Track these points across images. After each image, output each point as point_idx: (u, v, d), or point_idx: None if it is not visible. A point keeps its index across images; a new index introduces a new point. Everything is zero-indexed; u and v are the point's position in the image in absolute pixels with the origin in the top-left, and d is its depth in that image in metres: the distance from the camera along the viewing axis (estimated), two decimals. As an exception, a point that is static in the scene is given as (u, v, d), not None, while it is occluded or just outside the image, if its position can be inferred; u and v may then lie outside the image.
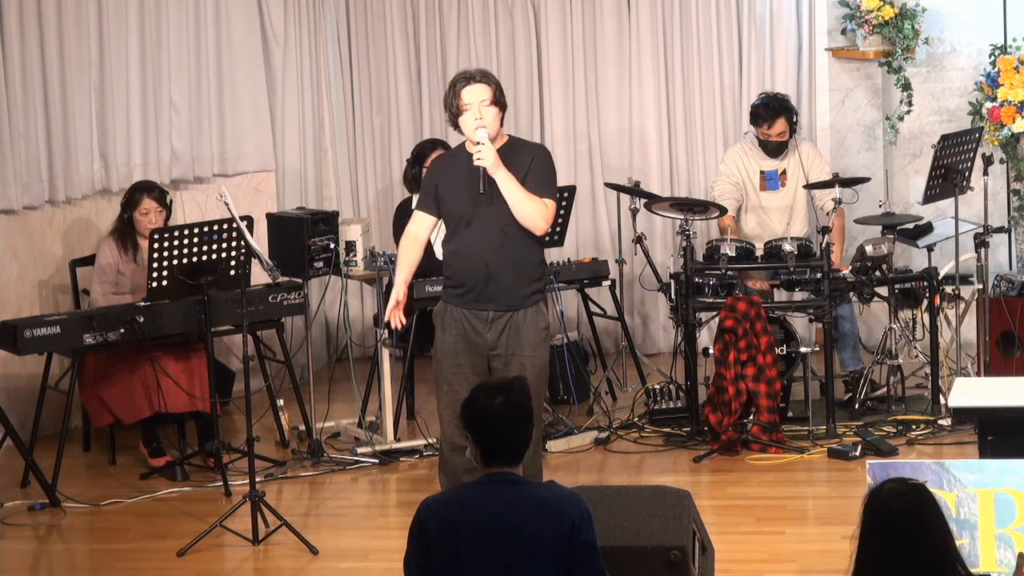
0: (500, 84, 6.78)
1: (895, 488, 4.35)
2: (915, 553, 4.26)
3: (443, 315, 6.80)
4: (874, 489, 4.40)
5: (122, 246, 8.61)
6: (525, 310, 6.72)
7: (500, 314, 6.71)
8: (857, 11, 10.10)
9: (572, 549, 4.60)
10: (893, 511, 4.31)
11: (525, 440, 4.74)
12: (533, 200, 6.66)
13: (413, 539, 4.69)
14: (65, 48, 9.11)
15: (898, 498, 4.33)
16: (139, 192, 8.64)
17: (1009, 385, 7.21)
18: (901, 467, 5.84)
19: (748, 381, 8.33)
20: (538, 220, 6.68)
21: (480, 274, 6.70)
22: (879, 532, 4.32)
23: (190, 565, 7.18)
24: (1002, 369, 9.03)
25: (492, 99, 6.69)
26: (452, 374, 6.77)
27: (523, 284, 6.73)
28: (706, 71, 10.52)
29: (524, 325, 6.72)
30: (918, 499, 4.33)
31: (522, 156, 6.74)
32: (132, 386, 8.30)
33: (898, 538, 4.28)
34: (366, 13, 10.80)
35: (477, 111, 6.66)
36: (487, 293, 6.71)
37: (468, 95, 6.67)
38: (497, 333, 6.71)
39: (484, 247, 6.69)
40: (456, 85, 6.72)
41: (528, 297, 6.74)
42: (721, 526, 7.11)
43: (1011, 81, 9.86)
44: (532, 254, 6.77)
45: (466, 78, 6.73)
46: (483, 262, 6.70)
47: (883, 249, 8.77)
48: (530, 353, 6.70)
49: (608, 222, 10.61)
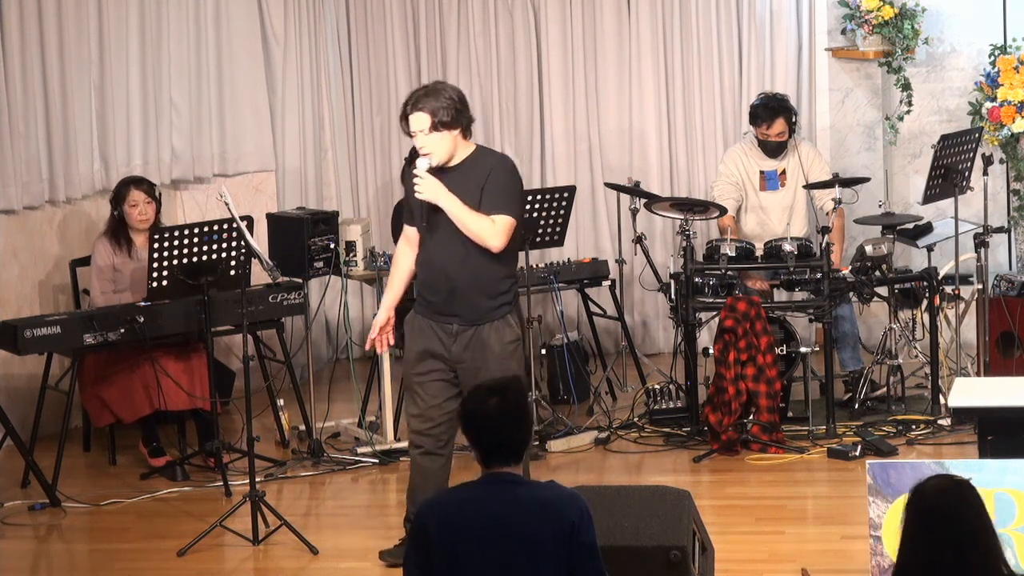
0: (449, 101, 6.62)
1: (940, 484, 4.29)
2: (960, 551, 4.20)
3: (412, 322, 6.80)
4: (918, 486, 4.31)
5: (116, 243, 8.60)
6: (491, 324, 6.67)
7: (465, 328, 6.68)
8: (857, 11, 10.10)
9: (572, 549, 4.60)
10: (939, 508, 4.24)
11: (523, 440, 4.74)
12: (479, 220, 6.59)
13: (413, 540, 4.69)
14: (65, 48, 9.11)
15: (944, 494, 4.26)
16: (125, 186, 8.64)
17: (1009, 385, 7.21)
18: (901, 467, 5.84)
19: (748, 381, 8.33)
20: (487, 239, 6.61)
21: (443, 287, 6.69)
22: (924, 529, 4.25)
23: (190, 565, 7.18)
24: (1002, 369, 9.03)
25: (431, 125, 6.60)
26: (418, 383, 6.77)
27: (486, 298, 6.67)
28: (706, 71, 10.52)
29: (490, 340, 6.67)
30: (964, 495, 4.26)
31: (482, 169, 6.66)
32: (132, 386, 8.30)
33: (943, 535, 4.21)
34: (366, 13, 10.80)
35: (419, 140, 6.64)
36: (451, 306, 6.69)
37: (410, 125, 6.67)
38: (463, 347, 6.69)
39: (446, 260, 6.68)
40: (405, 108, 6.68)
41: (493, 311, 6.68)
42: (721, 526, 7.11)
43: (1011, 81, 9.86)
44: (496, 268, 6.69)
45: (407, 103, 6.67)
46: (445, 275, 6.68)
47: (883, 249, 8.77)
48: (496, 367, 6.63)
49: (608, 222, 10.61)
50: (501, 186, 6.66)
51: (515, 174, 6.78)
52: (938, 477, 4.34)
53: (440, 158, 6.67)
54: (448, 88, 6.72)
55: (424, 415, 6.80)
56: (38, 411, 8.37)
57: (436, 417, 6.78)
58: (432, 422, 6.79)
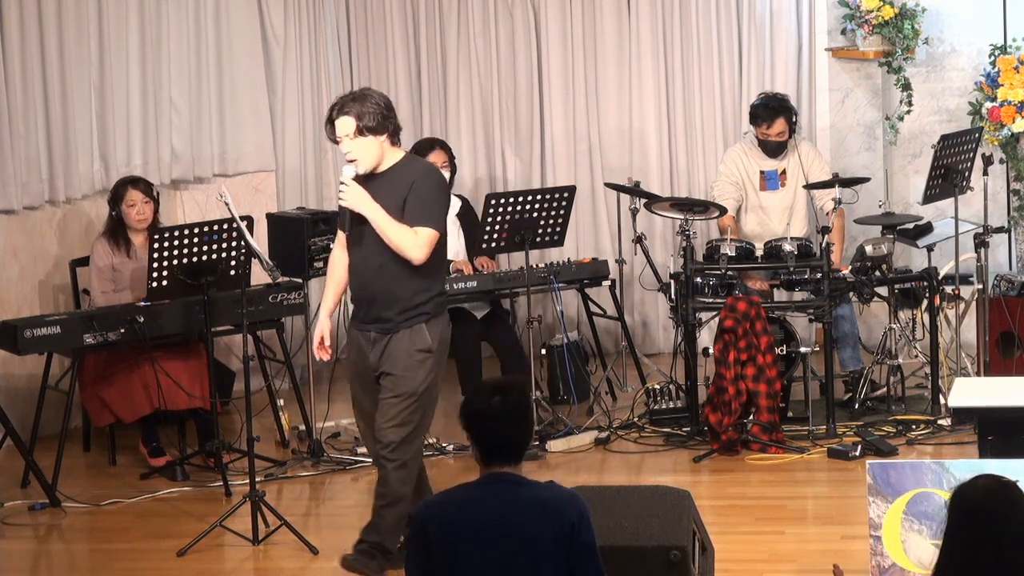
0: (375, 107, 6.59)
1: (988, 484, 4.23)
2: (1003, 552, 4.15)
3: (349, 333, 6.86)
4: (963, 486, 4.25)
5: (114, 243, 8.61)
6: (401, 332, 6.64)
7: (380, 336, 6.69)
8: (857, 11, 10.10)
9: (572, 550, 4.60)
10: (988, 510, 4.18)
11: (523, 440, 4.74)
12: (401, 232, 6.54)
13: (413, 540, 4.69)
14: (65, 48, 9.11)
15: (993, 495, 4.20)
16: (123, 186, 8.65)
17: (1009, 385, 7.21)
18: (901, 467, 5.84)
19: (748, 381, 8.33)
20: (408, 250, 6.56)
21: (362, 295, 6.71)
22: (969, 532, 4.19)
23: (190, 565, 7.18)
24: (1002, 369, 9.03)
25: (357, 130, 6.54)
26: (358, 389, 6.83)
27: (398, 309, 6.64)
28: (706, 71, 10.52)
29: (399, 347, 6.65)
30: (1010, 496, 4.21)
31: (406, 179, 6.62)
32: (132, 386, 8.30)
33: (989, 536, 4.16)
34: (366, 13, 10.80)
35: (345, 145, 6.59)
36: (370, 314, 6.70)
37: (335, 130, 6.61)
38: (378, 354, 6.69)
39: (364, 269, 6.67)
40: (330, 113, 6.63)
41: (405, 321, 6.65)
42: (721, 526, 7.11)
43: (1011, 81, 9.86)
44: (414, 281, 6.63)
45: (333, 108, 6.61)
46: (364, 285, 6.68)
47: (883, 249, 8.77)
48: (401, 374, 6.63)
49: (608, 222, 10.62)
50: (424, 197, 6.60)
51: (441, 186, 6.73)
52: (986, 477, 4.28)
53: (366, 165, 6.61)
54: (375, 94, 6.67)
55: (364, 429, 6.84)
56: (38, 411, 8.37)
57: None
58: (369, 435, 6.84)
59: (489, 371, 9.31)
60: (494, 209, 8.64)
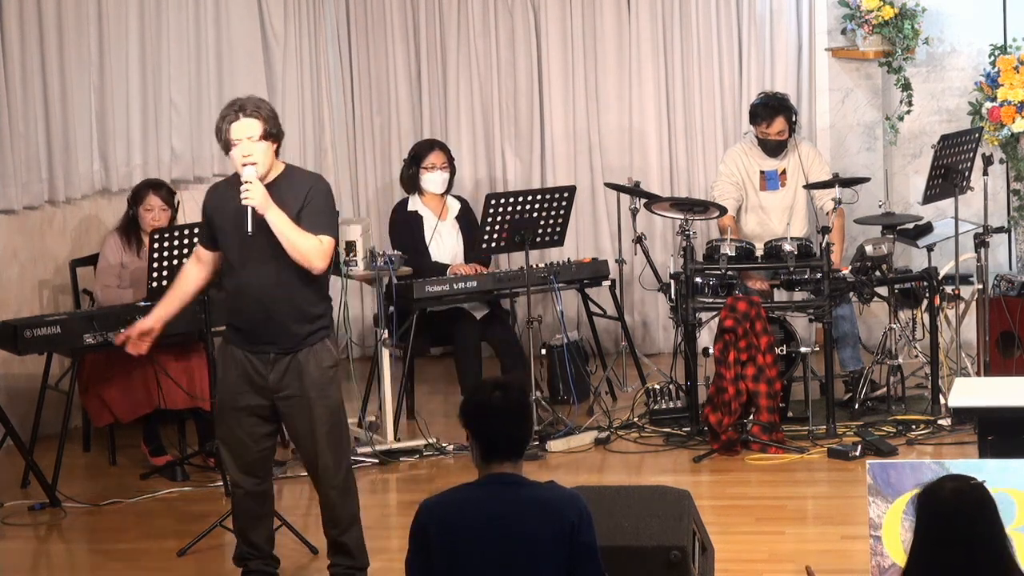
0: (274, 113, 6.48)
1: (956, 487, 4.23)
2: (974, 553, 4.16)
3: (224, 354, 6.55)
4: (930, 487, 4.26)
5: (126, 241, 8.64)
6: (308, 349, 6.45)
7: (281, 356, 6.45)
8: (857, 11, 10.10)
9: (572, 550, 4.60)
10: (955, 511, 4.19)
11: (523, 438, 4.75)
12: (306, 238, 6.34)
13: (413, 540, 4.69)
14: (65, 48, 9.11)
15: (960, 496, 4.21)
16: (146, 188, 8.68)
17: (1009, 385, 7.21)
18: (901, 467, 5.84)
19: (748, 381, 8.33)
20: (313, 259, 6.35)
21: (258, 315, 6.42)
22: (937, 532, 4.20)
23: (190, 565, 7.18)
24: (1002, 369, 9.03)
25: (263, 133, 6.37)
26: (232, 417, 6.53)
27: (302, 324, 6.44)
28: (706, 71, 10.53)
29: (308, 365, 6.46)
30: (982, 497, 4.22)
31: (299, 188, 6.42)
32: (132, 385, 8.31)
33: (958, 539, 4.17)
34: (366, 13, 10.80)
35: (246, 147, 6.37)
36: (267, 334, 6.44)
37: (237, 130, 6.38)
38: (280, 375, 6.46)
39: (258, 287, 6.41)
40: (226, 118, 6.43)
41: (310, 336, 6.46)
42: (721, 526, 7.11)
43: (1011, 81, 9.86)
44: (311, 292, 6.45)
45: (236, 110, 6.42)
46: (259, 303, 6.41)
47: (883, 249, 8.77)
48: (317, 394, 6.46)
49: (608, 222, 10.62)
50: (321, 207, 6.43)
51: (331, 195, 6.56)
52: (954, 479, 4.29)
53: (261, 171, 6.39)
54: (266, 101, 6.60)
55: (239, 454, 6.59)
56: (38, 411, 8.37)
57: (251, 455, 6.59)
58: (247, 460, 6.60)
59: (489, 371, 9.31)
60: (494, 209, 8.64)
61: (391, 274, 8.67)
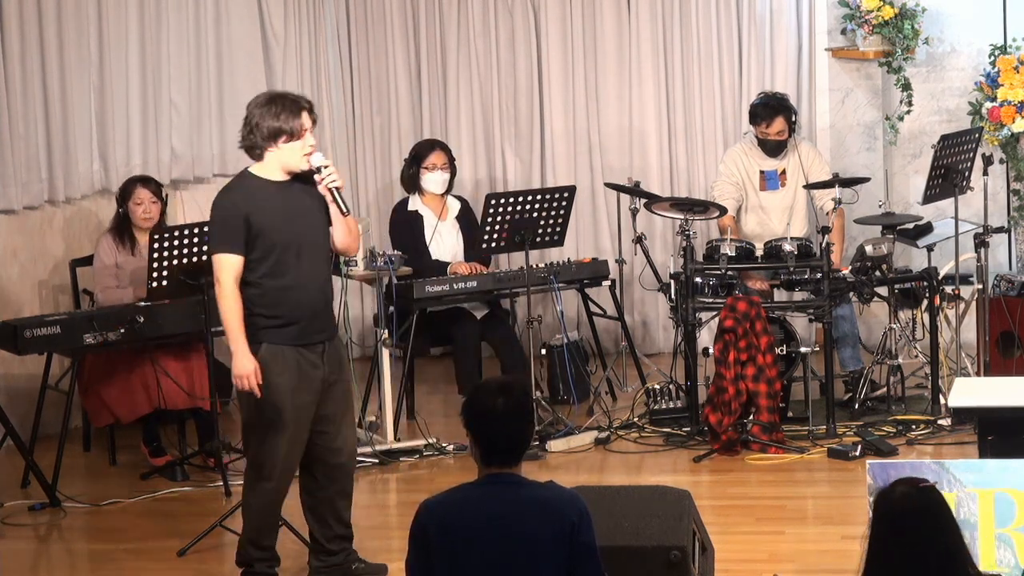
0: None
1: (905, 491, 4.34)
2: (926, 554, 4.26)
3: (276, 357, 6.41)
4: (883, 491, 4.38)
5: (119, 240, 8.62)
6: (335, 335, 6.63)
7: (327, 343, 6.54)
8: (857, 11, 10.10)
9: (572, 550, 4.60)
10: (905, 513, 4.30)
11: (525, 440, 4.75)
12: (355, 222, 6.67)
13: (413, 541, 4.69)
14: (65, 48, 9.11)
15: (909, 500, 4.32)
16: (132, 183, 8.67)
17: (1009, 385, 7.21)
18: (901, 467, 5.84)
19: (748, 381, 8.33)
20: (356, 241, 6.69)
21: (318, 305, 6.50)
22: (890, 534, 4.31)
23: (190, 565, 7.18)
24: (1002, 369, 9.03)
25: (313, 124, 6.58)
26: (293, 418, 6.45)
27: (330, 314, 6.63)
28: (706, 71, 10.53)
29: (340, 349, 6.63)
30: (929, 501, 4.33)
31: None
32: (132, 385, 8.31)
33: (909, 540, 4.28)
34: (366, 13, 10.80)
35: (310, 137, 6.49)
36: (319, 324, 6.50)
37: (305, 121, 6.48)
38: (328, 362, 6.53)
39: (317, 275, 6.50)
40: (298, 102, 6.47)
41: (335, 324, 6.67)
42: (721, 526, 7.11)
43: (1011, 81, 9.86)
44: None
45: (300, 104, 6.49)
46: (320, 292, 6.50)
47: (883, 249, 8.77)
48: (348, 376, 6.66)
49: (608, 222, 10.62)
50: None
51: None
52: (904, 482, 4.39)
53: None
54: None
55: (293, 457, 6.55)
56: (38, 411, 8.37)
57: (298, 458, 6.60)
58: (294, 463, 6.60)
59: (489, 371, 9.31)
60: (494, 209, 8.64)
61: (391, 274, 8.67)
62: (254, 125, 6.45)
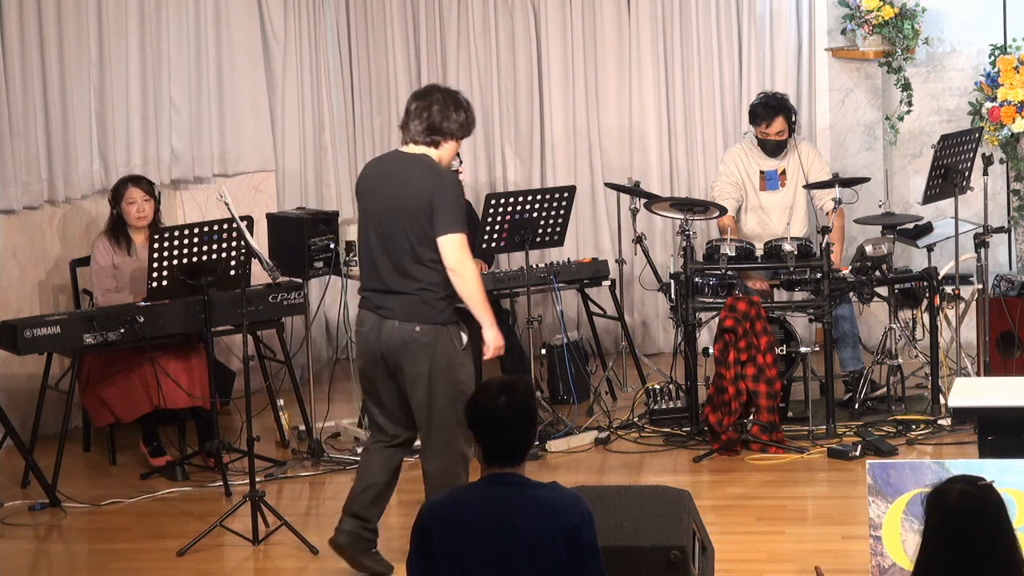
0: None
1: (965, 489, 4.24)
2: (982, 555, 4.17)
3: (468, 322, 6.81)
4: (941, 488, 4.26)
5: (114, 242, 8.62)
6: None
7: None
8: (857, 11, 10.11)
9: (573, 551, 4.60)
10: (963, 512, 4.20)
11: (527, 441, 4.75)
12: None
13: (415, 541, 4.69)
14: (65, 48, 9.11)
15: (968, 498, 4.21)
16: (123, 184, 8.67)
17: (1009, 385, 7.21)
18: (901, 467, 5.84)
19: (748, 381, 8.33)
20: None
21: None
22: (946, 532, 4.21)
23: (190, 565, 7.18)
24: (1002, 369, 9.03)
25: None
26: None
27: None
28: (706, 71, 10.53)
29: None
30: (989, 500, 4.23)
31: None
32: (132, 385, 8.31)
33: (967, 540, 4.18)
34: (366, 13, 10.80)
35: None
36: None
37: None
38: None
39: None
40: (471, 115, 6.73)
41: None
42: (721, 526, 7.12)
43: (1011, 81, 9.86)
44: None
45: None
46: None
47: (883, 249, 8.77)
48: None
49: (608, 222, 10.62)
50: None
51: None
52: (962, 480, 4.29)
53: None
54: None
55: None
56: (38, 411, 8.37)
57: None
58: None
59: (489, 371, 9.30)
60: (494, 209, 8.64)
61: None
62: (462, 121, 6.72)
